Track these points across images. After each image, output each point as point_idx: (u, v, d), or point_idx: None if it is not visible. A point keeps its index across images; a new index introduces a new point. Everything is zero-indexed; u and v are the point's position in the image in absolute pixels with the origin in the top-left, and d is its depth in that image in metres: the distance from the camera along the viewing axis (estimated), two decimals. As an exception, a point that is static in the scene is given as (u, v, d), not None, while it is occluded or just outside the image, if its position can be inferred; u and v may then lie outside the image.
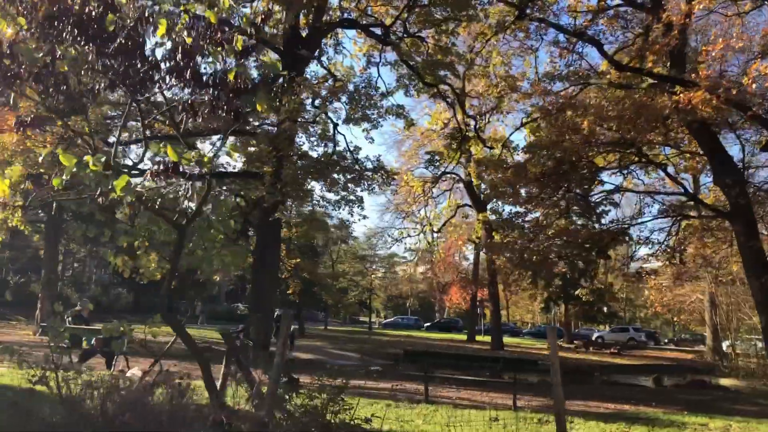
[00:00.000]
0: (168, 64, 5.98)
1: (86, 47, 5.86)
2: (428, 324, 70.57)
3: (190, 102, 6.33)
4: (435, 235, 42.82)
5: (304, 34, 24.01)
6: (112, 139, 20.58)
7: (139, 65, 5.97)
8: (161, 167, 5.65)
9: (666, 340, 66.13)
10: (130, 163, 17.28)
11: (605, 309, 64.05)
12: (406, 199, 39.90)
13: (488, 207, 40.57)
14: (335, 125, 28.38)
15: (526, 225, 26.46)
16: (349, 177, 29.23)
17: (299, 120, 24.29)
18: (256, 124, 22.48)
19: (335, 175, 26.97)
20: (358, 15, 25.58)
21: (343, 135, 45.21)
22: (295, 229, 27.79)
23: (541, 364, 13.81)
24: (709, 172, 22.07)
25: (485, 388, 15.00)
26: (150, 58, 6.02)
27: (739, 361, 32.06)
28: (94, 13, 5.68)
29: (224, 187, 24.91)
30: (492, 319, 44.58)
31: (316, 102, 24.13)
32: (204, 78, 6.11)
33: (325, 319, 57.09)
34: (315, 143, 29.26)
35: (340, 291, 60.63)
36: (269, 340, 20.68)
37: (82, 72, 6.27)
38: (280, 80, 20.07)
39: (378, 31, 24.71)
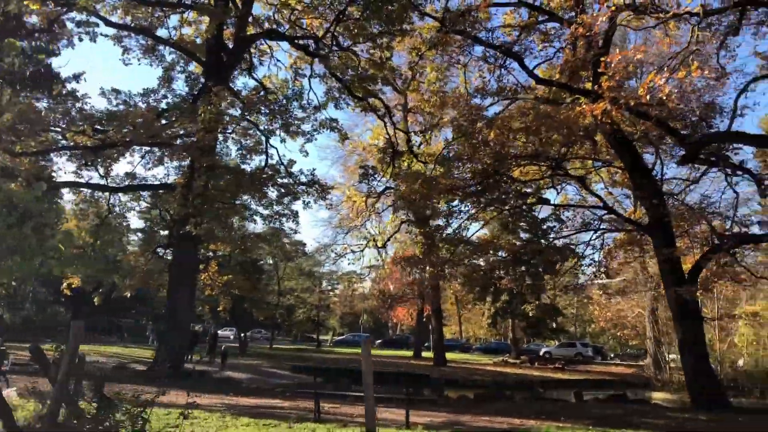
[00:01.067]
0: None
1: None
2: (380, 341, 70.07)
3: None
4: (380, 250, 42.46)
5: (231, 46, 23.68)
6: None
7: None
8: None
9: (612, 355, 66.81)
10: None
11: (553, 324, 64.68)
12: (350, 214, 39.51)
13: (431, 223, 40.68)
14: (267, 138, 28.03)
15: (470, 242, 26.42)
16: (283, 191, 28.89)
17: (221, 131, 23.88)
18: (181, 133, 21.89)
19: (268, 189, 26.66)
20: (290, 27, 25.32)
21: (276, 148, 44.53)
22: (223, 244, 27.11)
23: (435, 378, 13.46)
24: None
25: (397, 404, 14.60)
26: None
27: (672, 374, 32.39)
28: None
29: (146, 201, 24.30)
30: (435, 335, 44.30)
31: (237, 113, 23.75)
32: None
33: (270, 337, 55.95)
34: (247, 156, 28.93)
35: (287, 309, 59.75)
36: (182, 358, 19.96)
37: None
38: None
39: (310, 43, 24.50)
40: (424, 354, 48.13)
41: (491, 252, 38.97)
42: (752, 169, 22.06)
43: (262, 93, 27.30)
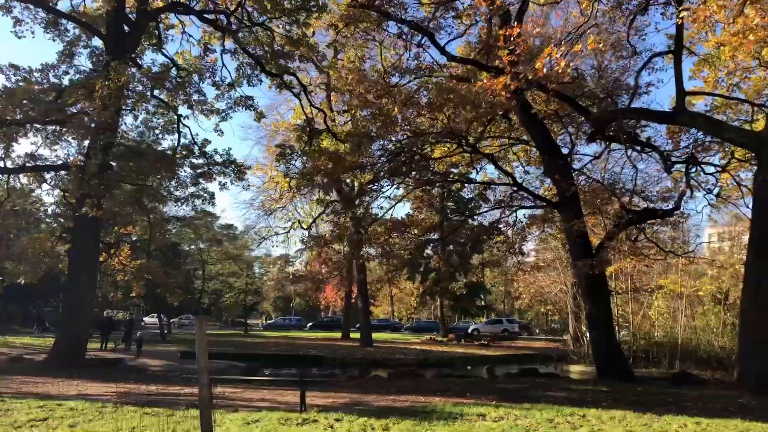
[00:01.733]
0: None
1: None
2: (311, 324, 69.68)
3: None
4: (308, 232, 41.84)
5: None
6: None
7: None
8: None
9: (538, 331, 68.55)
10: None
11: (482, 302, 65.82)
12: (272, 196, 38.79)
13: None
14: (179, 116, 26.95)
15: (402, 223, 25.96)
16: (199, 171, 27.89)
17: (128, 109, 22.79)
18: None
19: (181, 170, 25.67)
20: (200, 1, 24.26)
21: (188, 127, 42.67)
22: (134, 227, 26.06)
23: (329, 359, 13.17)
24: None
25: (322, 388, 14.29)
26: None
27: (590, 348, 33.40)
28: None
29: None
30: (362, 316, 44.22)
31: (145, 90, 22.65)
32: None
33: (189, 323, 54.58)
34: (159, 136, 27.75)
35: (213, 293, 58.56)
36: (84, 346, 19.02)
37: None
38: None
39: (221, 18, 23.54)
40: (353, 335, 48.02)
41: (415, 232, 39.10)
42: (660, 146, 22.68)
43: (174, 70, 26.22)
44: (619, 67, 25.26)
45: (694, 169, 21.80)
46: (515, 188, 19.53)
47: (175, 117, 26.82)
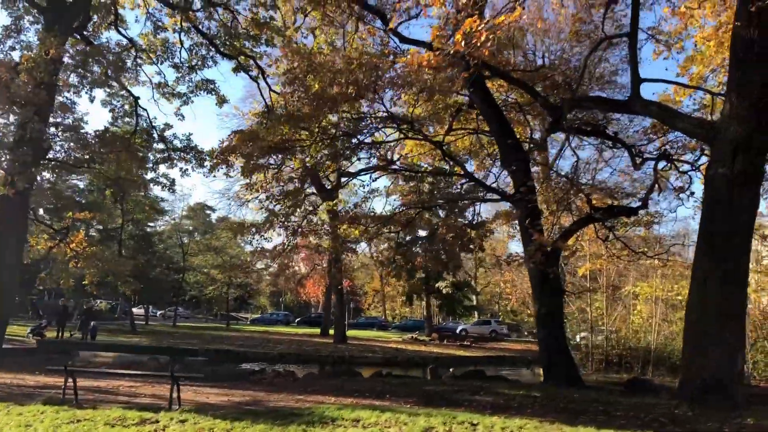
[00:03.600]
0: None
1: None
2: (299, 319, 68.91)
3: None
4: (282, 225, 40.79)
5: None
6: None
7: None
8: None
9: (526, 332, 67.46)
10: None
11: (473, 302, 64.60)
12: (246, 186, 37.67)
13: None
14: (136, 99, 26.08)
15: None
16: (158, 157, 27.00)
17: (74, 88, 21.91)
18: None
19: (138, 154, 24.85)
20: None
21: (146, 110, 40.55)
22: (90, 213, 25.22)
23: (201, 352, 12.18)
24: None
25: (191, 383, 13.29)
26: None
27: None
28: None
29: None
30: (337, 311, 43.24)
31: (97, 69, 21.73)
32: None
33: (173, 315, 53.69)
34: (117, 120, 26.90)
35: (196, 284, 57.63)
36: (2, 333, 18.10)
37: None
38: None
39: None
40: (333, 331, 47.05)
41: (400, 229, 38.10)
42: (634, 142, 21.55)
43: (134, 52, 25.31)
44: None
45: (668, 166, 20.66)
46: (467, 179, 18.45)
47: (133, 99, 26.04)
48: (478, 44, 10.60)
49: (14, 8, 22.00)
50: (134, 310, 63.02)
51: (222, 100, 26.11)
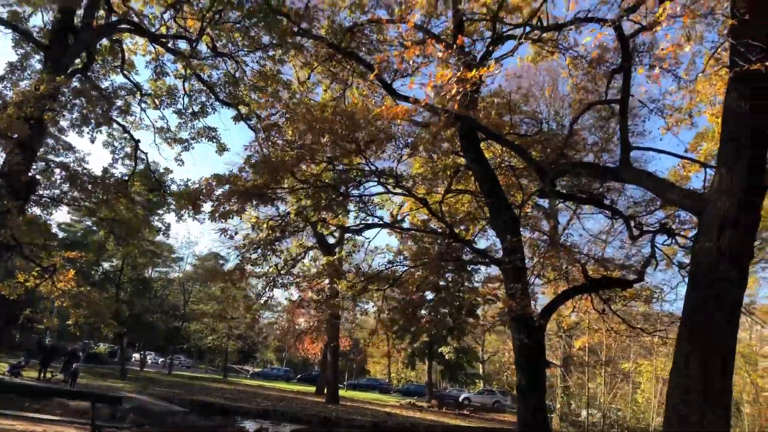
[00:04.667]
0: None
1: None
2: (299, 376, 67.72)
3: None
4: (284, 278, 40.21)
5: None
6: None
7: None
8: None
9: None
10: None
11: (477, 369, 62.85)
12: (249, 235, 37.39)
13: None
14: (137, 142, 26.23)
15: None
16: (154, 202, 26.97)
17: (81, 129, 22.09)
18: None
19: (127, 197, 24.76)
20: (161, 24, 23.64)
21: (145, 153, 39.36)
22: (81, 253, 25.02)
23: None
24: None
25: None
26: None
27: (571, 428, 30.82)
28: None
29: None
30: (330, 371, 42.12)
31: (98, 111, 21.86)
32: None
33: (169, 363, 52.77)
34: (116, 161, 26.98)
35: (195, 334, 56.82)
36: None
37: None
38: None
39: (178, 44, 22.90)
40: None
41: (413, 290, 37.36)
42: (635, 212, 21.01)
43: (138, 95, 25.60)
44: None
45: (669, 240, 19.94)
46: (450, 238, 17.89)
47: (133, 142, 26.19)
48: (448, 97, 10.30)
49: (20, 46, 22.45)
50: (135, 355, 62.49)
51: (222, 148, 26.13)
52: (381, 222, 20.52)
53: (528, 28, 15.14)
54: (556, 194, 17.41)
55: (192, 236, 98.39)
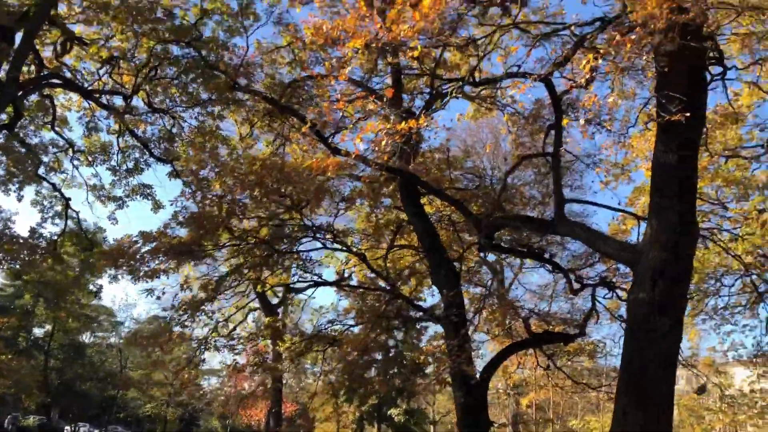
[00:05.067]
0: None
1: None
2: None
3: None
4: (222, 341, 38.76)
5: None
6: None
7: None
8: None
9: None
10: None
11: (428, 430, 61.32)
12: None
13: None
14: (67, 200, 25.24)
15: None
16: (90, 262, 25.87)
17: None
18: None
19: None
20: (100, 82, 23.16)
21: (77, 212, 34.70)
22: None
23: None
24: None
25: None
26: None
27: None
28: None
29: None
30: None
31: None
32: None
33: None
34: (44, 221, 25.82)
35: (133, 401, 54.15)
36: None
37: None
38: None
39: (112, 99, 22.43)
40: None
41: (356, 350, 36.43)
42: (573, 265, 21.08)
43: (70, 152, 24.78)
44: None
45: (610, 294, 19.98)
46: (391, 294, 17.48)
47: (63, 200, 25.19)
48: (378, 149, 10.13)
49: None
50: (66, 428, 58.88)
51: (158, 206, 25.31)
52: (323, 280, 20.06)
53: (461, 83, 15.24)
54: (491, 247, 17.31)
55: (130, 298, 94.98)
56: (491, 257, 30.62)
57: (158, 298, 16.74)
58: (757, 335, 22.26)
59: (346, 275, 23.12)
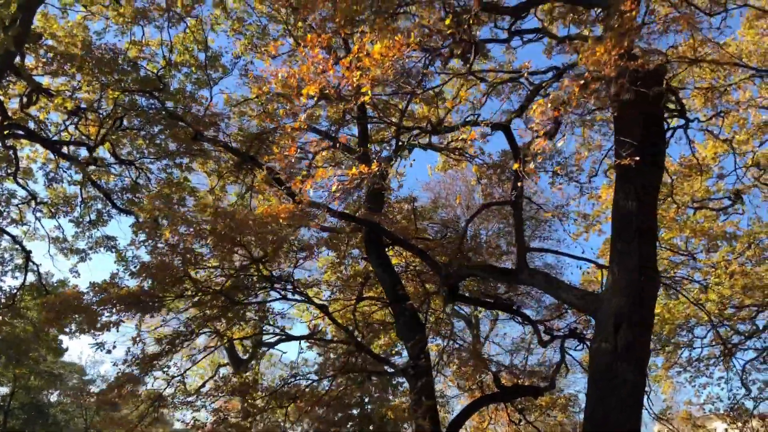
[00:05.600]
0: None
1: None
2: None
3: None
4: (194, 398, 37.54)
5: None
6: None
7: None
8: None
9: None
10: None
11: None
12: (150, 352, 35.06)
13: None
14: (28, 253, 24.61)
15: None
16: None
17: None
18: None
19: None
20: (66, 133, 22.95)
21: (38, 265, 32.69)
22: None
23: None
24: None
25: None
26: None
27: None
28: None
29: None
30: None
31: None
32: None
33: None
34: (6, 273, 25.15)
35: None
36: None
37: None
38: None
39: (79, 150, 22.20)
40: None
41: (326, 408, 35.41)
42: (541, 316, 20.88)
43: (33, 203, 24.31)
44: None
45: (580, 345, 19.66)
46: (354, 348, 16.98)
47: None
48: (331, 196, 9.98)
49: None
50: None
51: (121, 258, 24.73)
52: (289, 335, 19.53)
53: (420, 132, 15.25)
54: (454, 298, 17.00)
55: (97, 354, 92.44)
56: (466, 309, 30.44)
57: (108, 352, 16.04)
58: (732, 388, 21.97)
59: (320, 328, 22.60)
